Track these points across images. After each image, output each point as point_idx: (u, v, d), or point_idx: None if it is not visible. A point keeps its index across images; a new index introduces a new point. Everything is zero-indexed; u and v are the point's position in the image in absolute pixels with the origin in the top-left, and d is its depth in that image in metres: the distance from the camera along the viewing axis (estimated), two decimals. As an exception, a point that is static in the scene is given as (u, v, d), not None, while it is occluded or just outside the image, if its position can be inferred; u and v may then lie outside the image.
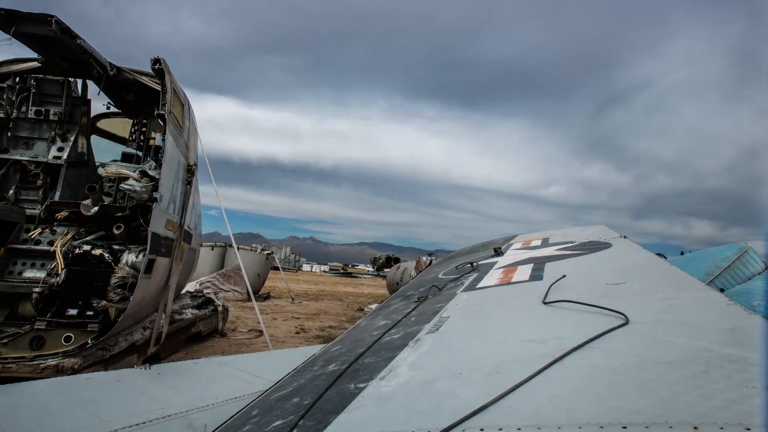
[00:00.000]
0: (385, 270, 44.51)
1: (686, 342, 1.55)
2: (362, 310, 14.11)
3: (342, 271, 59.95)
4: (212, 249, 15.74)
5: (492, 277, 3.68)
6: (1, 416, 2.21)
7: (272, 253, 17.40)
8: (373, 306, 13.95)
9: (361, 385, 1.77)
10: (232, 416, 2.22)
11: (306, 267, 63.35)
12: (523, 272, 3.59)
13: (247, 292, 13.86)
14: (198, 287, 11.80)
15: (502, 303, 2.71)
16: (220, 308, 7.73)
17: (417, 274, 11.74)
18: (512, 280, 3.40)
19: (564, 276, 2.87)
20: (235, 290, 13.84)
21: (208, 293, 8.17)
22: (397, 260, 46.29)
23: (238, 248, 11.32)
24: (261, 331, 8.31)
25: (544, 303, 2.46)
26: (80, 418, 2.37)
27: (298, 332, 9.07)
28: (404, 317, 2.98)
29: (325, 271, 60.74)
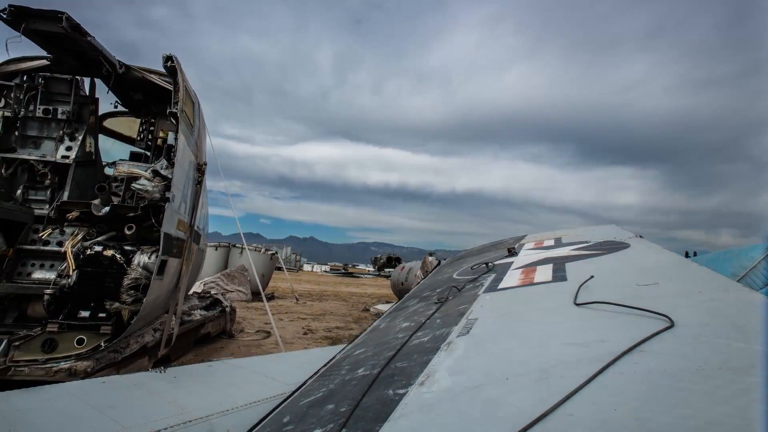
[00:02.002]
0: (386, 270, 44.44)
1: (745, 347, 1.48)
2: (368, 310, 14.02)
3: (343, 270, 59.88)
4: (216, 249, 15.68)
5: (512, 278, 3.61)
6: (22, 422, 2.15)
7: (276, 253, 17.34)
8: (379, 306, 13.87)
9: (401, 392, 1.70)
10: (259, 423, 2.15)
11: (307, 267, 63.33)
12: (545, 273, 3.52)
13: (252, 292, 13.81)
14: (202, 288, 11.74)
15: (531, 304, 2.64)
16: (227, 309, 7.66)
17: (424, 274, 11.65)
18: (534, 281, 3.33)
19: (592, 276, 2.80)
20: (239, 290, 13.77)
21: (215, 294, 8.10)
22: (398, 260, 46.22)
23: (246, 249, 11.26)
24: (268, 332, 8.25)
25: (576, 304, 2.39)
26: (101, 424, 2.30)
27: (305, 333, 9.01)
28: (428, 319, 2.90)
29: (326, 271, 60.69)
